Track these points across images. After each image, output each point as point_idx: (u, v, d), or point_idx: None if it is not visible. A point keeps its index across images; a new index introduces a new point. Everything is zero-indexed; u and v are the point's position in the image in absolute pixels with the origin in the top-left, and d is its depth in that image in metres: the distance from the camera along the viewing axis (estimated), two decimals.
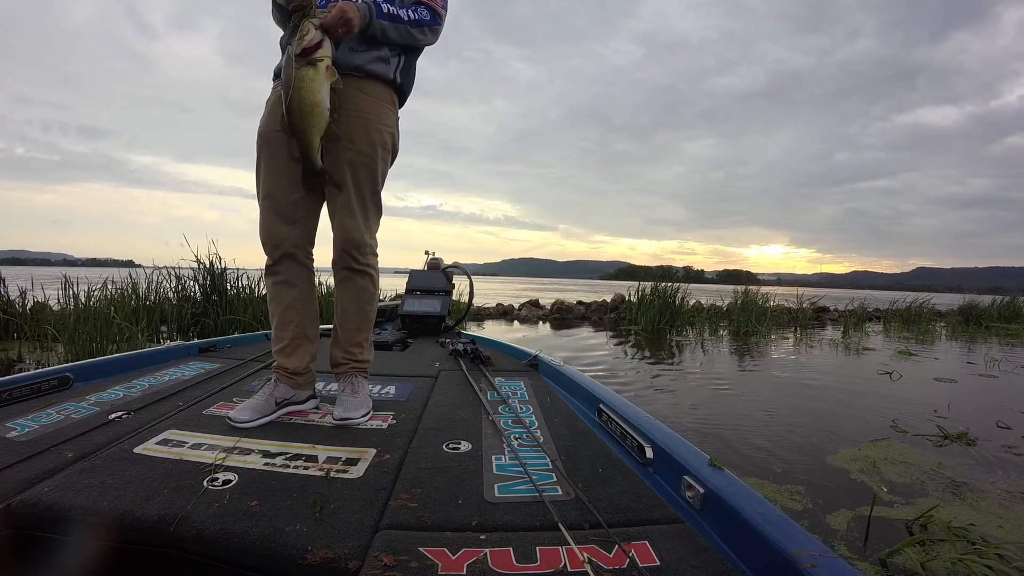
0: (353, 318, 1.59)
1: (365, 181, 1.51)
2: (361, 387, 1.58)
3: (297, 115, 1.27)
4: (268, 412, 1.47)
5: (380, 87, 1.52)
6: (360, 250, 1.54)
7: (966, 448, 2.40)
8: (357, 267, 1.55)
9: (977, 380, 4.31)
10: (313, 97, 1.27)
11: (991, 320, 10.17)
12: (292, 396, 1.54)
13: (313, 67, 1.26)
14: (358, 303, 1.58)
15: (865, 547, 1.48)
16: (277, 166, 1.48)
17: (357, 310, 1.59)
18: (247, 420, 1.40)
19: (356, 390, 1.56)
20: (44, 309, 4.60)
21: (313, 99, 1.27)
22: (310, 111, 1.27)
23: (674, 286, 8.10)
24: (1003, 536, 1.56)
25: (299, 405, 1.56)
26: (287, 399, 1.53)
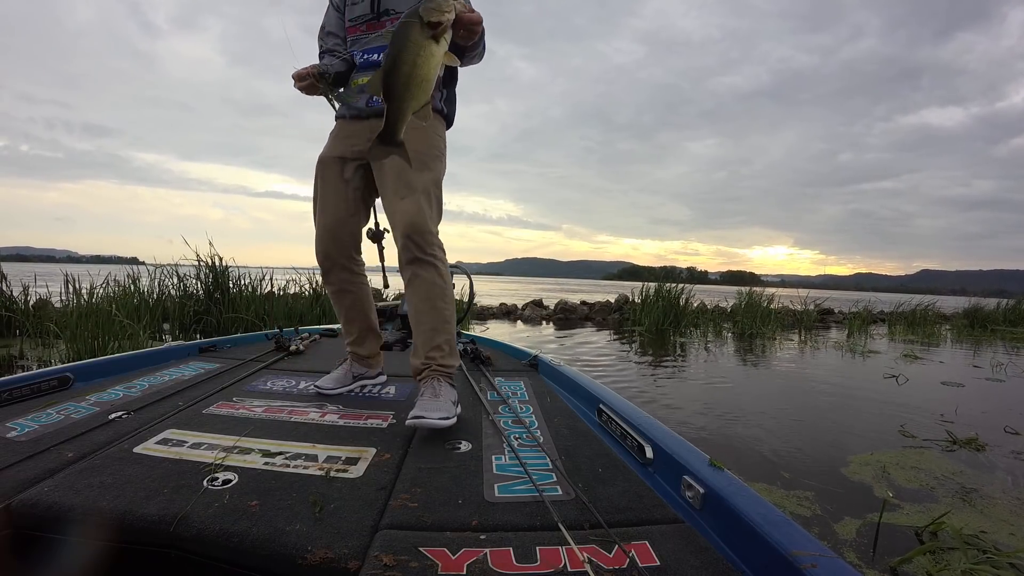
0: (427, 318, 1.50)
1: (428, 175, 1.53)
2: (444, 391, 1.45)
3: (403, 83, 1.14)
4: (347, 383, 1.79)
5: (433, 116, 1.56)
6: (424, 237, 1.47)
7: (975, 453, 2.38)
8: (424, 256, 1.47)
9: (984, 384, 4.28)
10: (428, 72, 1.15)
11: (996, 323, 10.10)
12: (365, 372, 1.84)
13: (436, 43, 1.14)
14: (429, 300, 1.49)
15: (874, 554, 1.47)
16: (335, 195, 1.63)
17: (429, 308, 1.49)
18: (331, 388, 1.74)
19: (437, 392, 1.43)
20: (46, 306, 4.62)
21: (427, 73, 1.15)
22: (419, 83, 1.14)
23: (678, 287, 8.09)
24: (1015, 544, 1.53)
25: (372, 380, 1.87)
26: (362, 374, 1.83)
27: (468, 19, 1.21)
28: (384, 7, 1.60)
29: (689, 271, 9.95)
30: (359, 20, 1.64)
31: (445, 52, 1.16)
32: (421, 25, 1.11)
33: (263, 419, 1.47)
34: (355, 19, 1.64)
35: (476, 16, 1.23)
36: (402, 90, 1.14)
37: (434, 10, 1.11)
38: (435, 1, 1.11)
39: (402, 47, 1.12)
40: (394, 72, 1.13)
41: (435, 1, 1.11)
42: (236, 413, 1.51)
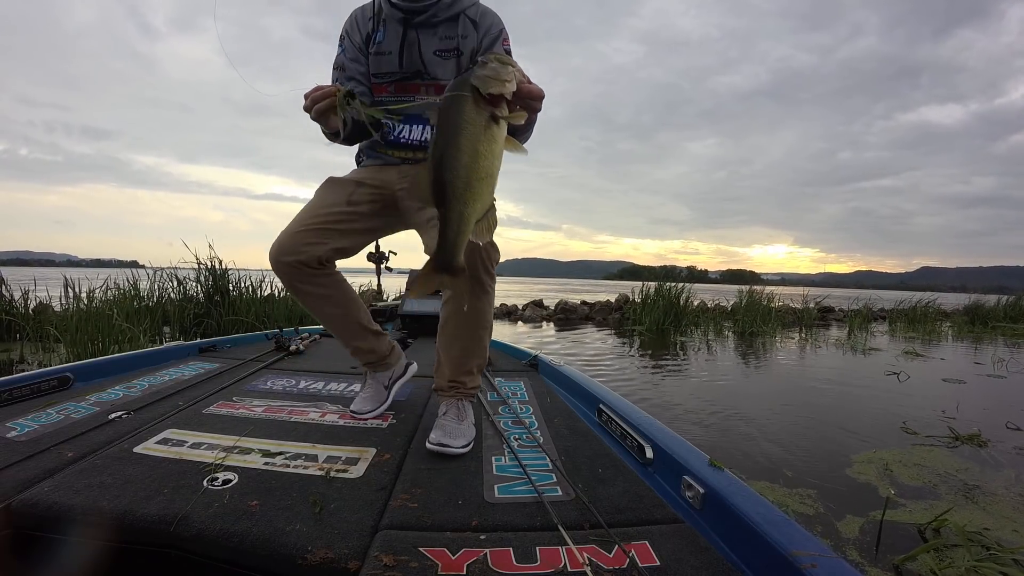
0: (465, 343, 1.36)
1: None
2: (467, 413, 1.38)
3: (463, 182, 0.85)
4: (384, 399, 1.57)
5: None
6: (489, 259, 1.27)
7: (977, 450, 2.37)
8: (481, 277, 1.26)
9: (985, 380, 4.27)
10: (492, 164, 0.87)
11: (997, 320, 10.09)
12: (392, 373, 1.62)
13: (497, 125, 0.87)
14: (470, 328, 1.33)
15: (877, 552, 1.47)
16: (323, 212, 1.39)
17: (470, 335, 1.35)
18: (371, 411, 1.52)
19: (462, 415, 1.36)
20: (46, 310, 4.62)
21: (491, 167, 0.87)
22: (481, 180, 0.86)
23: (678, 286, 8.08)
24: (1019, 541, 1.53)
25: (403, 376, 1.65)
26: (392, 379, 1.62)
27: (528, 91, 0.94)
28: (415, 67, 1.39)
29: (689, 270, 9.95)
30: (385, 78, 1.41)
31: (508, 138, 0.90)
32: (476, 100, 0.85)
33: (263, 419, 1.47)
34: (380, 75, 1.41)
35: (536, 88, 0.96)
36: (462, 192, 0.85)
37: (492, 79, 0.85)
38: (491, 66, 0.86)
39: (457, 131, 0.84)
40: (449, 167, 0.84)
41: (491, 66, 0.86)
42: (236, 413, 1.51)
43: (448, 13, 1.36)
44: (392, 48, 1.38)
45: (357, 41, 1.42)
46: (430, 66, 1.38)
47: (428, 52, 1.38)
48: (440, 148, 0.85)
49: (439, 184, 0.85)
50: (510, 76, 0.87)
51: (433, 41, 1.38)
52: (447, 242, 0.89)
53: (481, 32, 1.38)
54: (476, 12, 1.39)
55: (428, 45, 1.38)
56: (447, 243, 0.89)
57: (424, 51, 1.38)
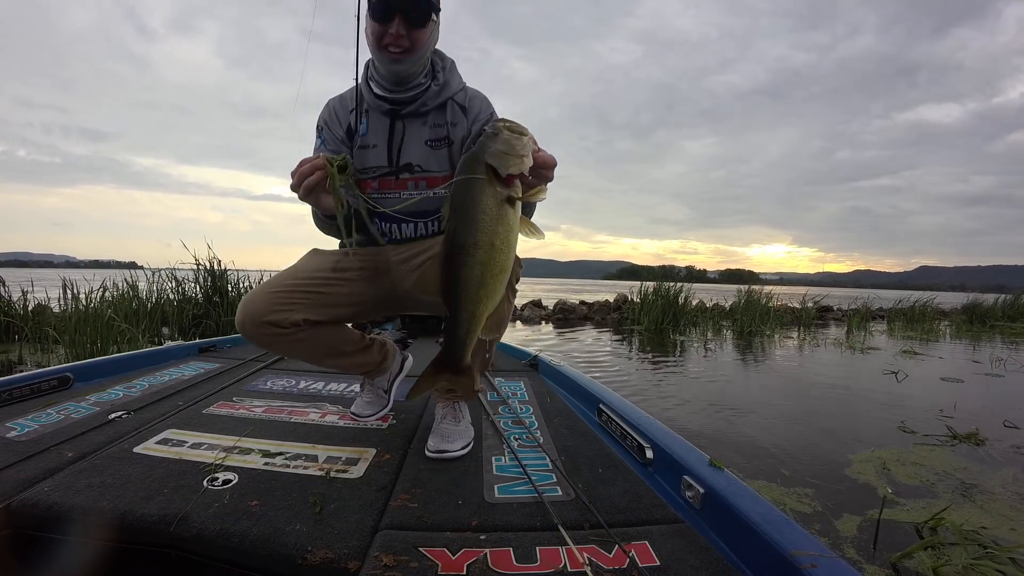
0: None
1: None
2: (464, 414, 1.37)
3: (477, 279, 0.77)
4: (385, 403, 1.56)
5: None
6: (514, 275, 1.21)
7: (975, 448, 2.38)
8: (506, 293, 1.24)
9: (983, 379, 4.28)
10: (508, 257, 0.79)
11: (995, 319, 10.10)
12: (389, 375, 1.58)
13: (513, 208, 0.79)
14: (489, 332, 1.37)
15: (875, 550, 1.47)
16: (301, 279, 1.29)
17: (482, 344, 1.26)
18: (371, 414, 1.52)
19: (459, 417, 1.35)
20: (45, 311, 4.62)
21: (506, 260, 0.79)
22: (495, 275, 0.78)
23: (677, 286, 8.09)
24: (1016, 539, 1.54)
25: (401, 373, 1.62)
26: (390, 382, 1.58)
27: (542, 160, 0.85)
28: (405, 160, 1.30)
29: (688, 270, 9.96)
30: (371, 173, 1.32)
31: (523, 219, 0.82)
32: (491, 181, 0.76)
33: (263, 419, 1.47)
34: (365, 170, 1.32)
35: (549, 156, 0.87)
36: (476, 290, 0.78)
37: (509, 156, 0.77)
38: (503, 138, 0.77)
39: (472, 222, 0.76)
40: (464, 264, 0.77)
41: (503, 138, 0.77)
42: (236, 413, 1.51)
43: (437, 101, 1.30)
44: (378, 141, 1.31)
45: (339, 133, 1.33)
46: (422, 159, 1.30)
47: (418, 144, 1.30)
48: (452, 241, 0.78)
49: (451, 283, 0.79)
50: (526, 149, 0.79)
51: (423, 131, 1.31)
52: (456, 342, 0.83)
53: (471, 118, 1.32)
54: (464, 97, 1.33)
55: (418, 136, 1.31)
56: (456, 343, 0.83)
57: (414, 143, 1.30)
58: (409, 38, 1.21)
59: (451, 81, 1.33)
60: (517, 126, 0.80)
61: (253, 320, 1.23)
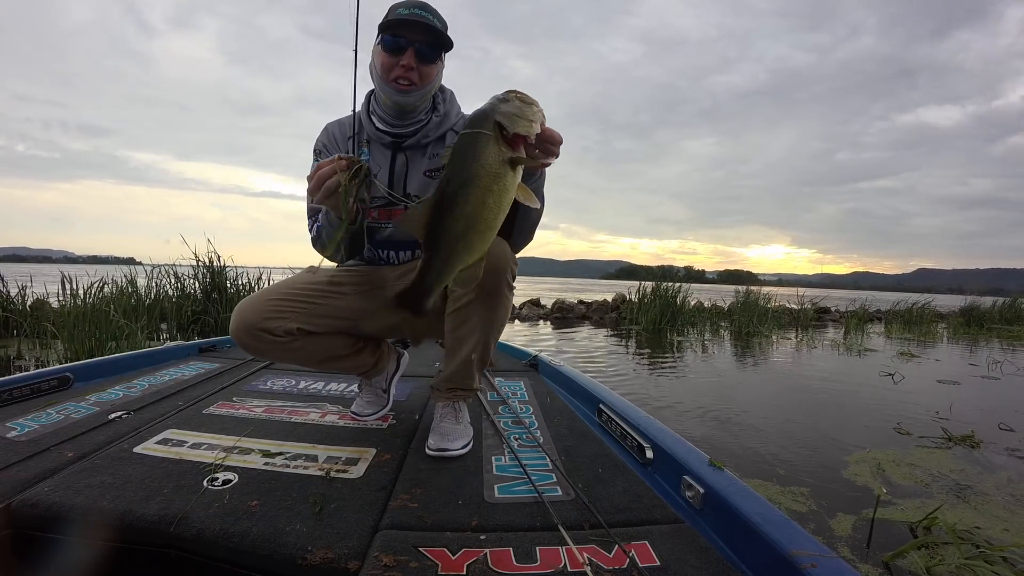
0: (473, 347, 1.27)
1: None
2: (463, 413, 1.36)
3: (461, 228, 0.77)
4: (384, 403, 1.56)
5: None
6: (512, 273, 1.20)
7: (970, 450, 2.39)
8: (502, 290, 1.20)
9: (979, 382, 4.29)
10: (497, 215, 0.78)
11: (993, 322, 10.14)
12: (386, 374, 1.58)
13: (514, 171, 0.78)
14: (486, 333, 1.25)
15: (868, 549, 1.48)
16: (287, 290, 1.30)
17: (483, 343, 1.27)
18: (372, 414, 1.52)
19: (459, 416, 1.34)
20: (44, 306, 4.61)
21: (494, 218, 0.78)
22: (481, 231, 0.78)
23: (675, 286, 8.10)
24: (1008, 539, 1.55)
25: (398, 372, 1.62)
26: (388, 381, 1.59)
27: (549, 134, 0.85)
28: (409, 191, 1.33)
29: (687, 270, 9.97)
30: (372, 203, 1.33)
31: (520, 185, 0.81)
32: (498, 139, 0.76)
33: (263, 419, 1.47)
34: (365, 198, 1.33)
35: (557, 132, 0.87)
36: (454, 242, 0.78)
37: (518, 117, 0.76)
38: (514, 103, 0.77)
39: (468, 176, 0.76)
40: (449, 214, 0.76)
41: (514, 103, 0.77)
42: (236, 413, 1.51)
43: (437, 132, 1.32)
44: (379, 173, 1.33)
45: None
46: (420, 190, 1.33)
47: (418, 174, 1.33)
48: (445, 189, 0.77)
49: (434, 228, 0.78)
50: (536, 116, 0.79)
51: (423, 162, 1.33)
52: (423, 284, 0.84)
53: None
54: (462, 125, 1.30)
55: (418, 167, 1.33)
56: (422, 285, 0.84)
57: (414, 174, 1.33)
58: (418, 72, 1.23)
59: (451, 111, 1.35)
60: (526, 96, 0.80)
61: (247, 327, 1.24)
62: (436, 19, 1.24)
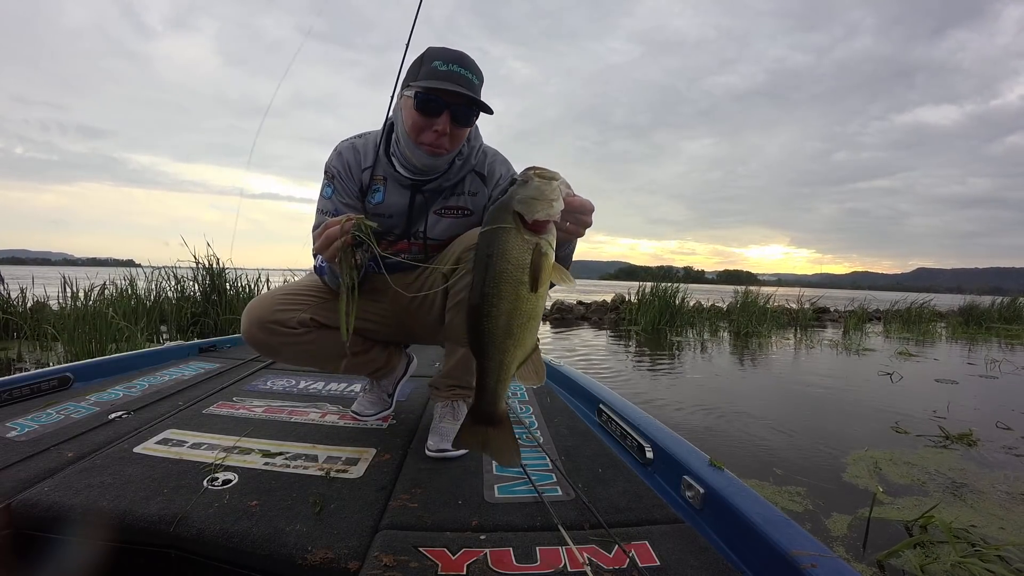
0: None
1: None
2: (462, 413, 1.34)
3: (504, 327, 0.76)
4: (387, 404, 1.55)
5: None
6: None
7: (967, 449, 2.39)
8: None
9: (977, 381, 4.30)
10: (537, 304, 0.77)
11: (991, 321, 10.15)
12: (392, 377, 1.57)
13: (543, 255, 0.76)
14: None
15: (864, 549, 1.48)
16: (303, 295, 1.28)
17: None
18: (373, 414, 1.51)
19: (458, 416, 1.33)
20: (44, 308, 4.61)
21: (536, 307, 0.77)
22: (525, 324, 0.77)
23: (674, 286, 8.11)
24: (1004, 538, 1.55)
25: (404, 376, 1.60)
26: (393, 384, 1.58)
27: (577, 204, 0.83)
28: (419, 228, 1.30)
29: (686, 270, 9.98)
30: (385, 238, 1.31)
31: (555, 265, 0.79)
32: (519, 228, 0.74)
33: (263, 419, 1.47)
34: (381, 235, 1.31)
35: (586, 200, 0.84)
36: (502, 340, 0.77)
37: (537, 201, 0.74)
38: (533, 185, 0.75)
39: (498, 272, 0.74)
40: (489, 315, 0.76)
41: (533, 185, 0.75)
42: (236, 413, 1.51)
43: (458, 176, 1.29)
44: (396, 212, 1.29)
45: (353, 189, 1.30)
46: (431, 228, 1.30)
47: (433, 214, 1.30)
48: (479, 292, 0.76)
49: (477, 333, 0.77)
50: (556, 194, 0.76)
51: (439, 202, 1.31)
52: (487, 392, 0.81)
53: (491, 184, 1.30)
54: (483, 165, 1.31)
55: (434, 207, 1.31)
56: (487, 393, 0.82)
57: (432, 215, 1.30)
58: (451, 136, 1.18)
59: (473, 148, 1.30)
60: (547, 172, 0.78)
61: (259, 321, 1.22)
62: (476, 76, 1.16)
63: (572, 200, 0.81)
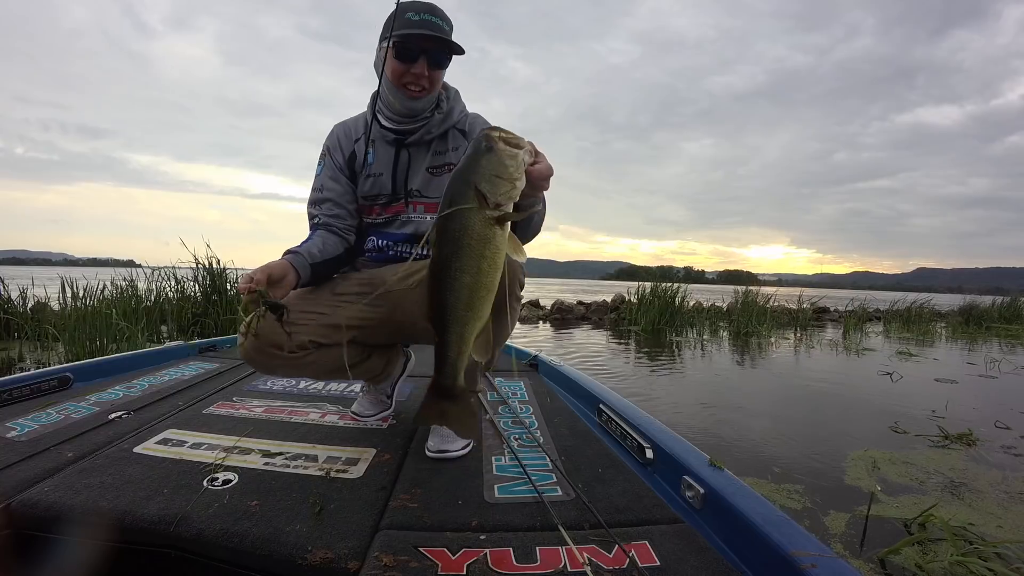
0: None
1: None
2: None
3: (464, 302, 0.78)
4: (387, 405, 1.57)
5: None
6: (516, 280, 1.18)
7: (966, 448, 2.39)
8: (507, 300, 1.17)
9: (977, 381, 4.30)
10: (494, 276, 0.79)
11: (991, 321, 10.14)
12: (391, 380, 1.59)
13: (501, 227, 0.78)
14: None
15: (862, 547, 1.48)
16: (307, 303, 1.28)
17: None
18: (373, 414, 1.53)
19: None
20: (44, 309, 4.61)
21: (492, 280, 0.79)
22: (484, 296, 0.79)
23: (674, 286, 8.11)
24: (1002, 535, 1.56)
25: (402, 376, 1.62)
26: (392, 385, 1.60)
27: (537, 174, 0.84)
28: (411, 186, 1.36)
29: (686, 270, 9.98)
30: (376, 200, 1.37)
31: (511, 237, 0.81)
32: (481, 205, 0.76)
33: (263, 419, 1.47)
34: (370, 197, 1.38)
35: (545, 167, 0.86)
36: (463, 313, 0.79)
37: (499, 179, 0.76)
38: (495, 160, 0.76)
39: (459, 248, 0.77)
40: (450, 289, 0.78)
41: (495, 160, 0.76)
42: (236, 413, 1.51)
43: (440, 129, 1.35)
44: (384, 170, 1.35)
45: (339, 160, 1.38)
46: (422, 185, 1.36)
47: (421, 170, 1.36)
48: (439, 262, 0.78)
49: (439, 307, 0.80)
50: (519, 172, 0.78)
51: (426, 159, 1.36)
52: (447, 365, 0.83)
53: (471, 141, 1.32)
54: (465, 122, 1.38)
55: (420, 163, 1.36)
56: (447, 366, 0.83)
57: (417, 170, 1.36)
58: (429, 78, 1.27)
59: (454, 109, 1.37)
60: (512, 138, 0.79)
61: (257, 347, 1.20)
62: (445, 23, 1.26)
63: (532, 171, 0.83)
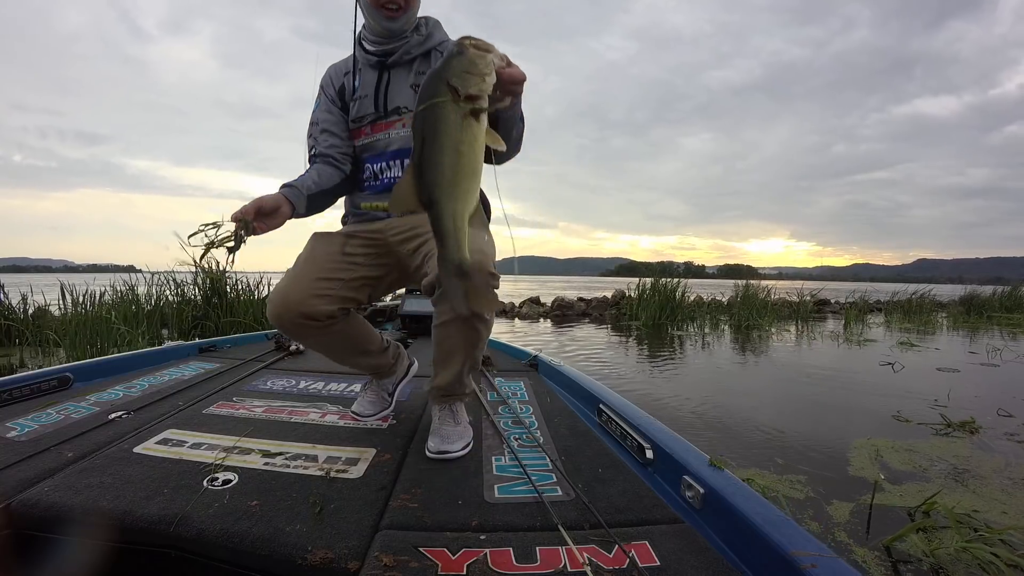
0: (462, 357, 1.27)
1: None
2: (461, 414, 1.36)
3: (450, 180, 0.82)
4: (387, 405, 1.58)
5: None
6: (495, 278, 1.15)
7: (968, 436, 2.40)
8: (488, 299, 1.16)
9: (979, 369, 4.30)
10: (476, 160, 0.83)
11: (993, 310, 10.13)
12: (396, 378, 1.62)
13: (477, 120, 0.82)
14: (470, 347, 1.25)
15: (867, 535, 1.49)
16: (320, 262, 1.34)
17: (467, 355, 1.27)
18: (373, 414, 1.53)
19: (457, 419, 1.33)
20: (45, 315, 4.62)
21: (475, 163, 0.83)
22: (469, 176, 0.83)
23: (674, 281, 8.10)
24: (1007, 522, 1.56)
25: (406, 378, 1.66)
26: (394, 384, 1.62)
27: (508, 76, 0.88)
28: (393, 104, 1.40)
29: (686, 266, 9.97)
30: (363, 121, 1.42)
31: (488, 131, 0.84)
32: (455, 99, 0.80)
33: (263, 419, 1.47)
34: (359, 119, 1.42)
35: (517, 71, 0.90)
36: (450, 188, 0.82)
37: (472, 76, 0.80)
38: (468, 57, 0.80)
39: (436, 132, 0.81)
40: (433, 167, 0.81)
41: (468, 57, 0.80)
42: (236, 413, 1.51)
43: (420, 50, 1.40)
44: (368, 91, 1.41)
45: (331, 94, 1.46)
46: (407, 101, 1.39)
47: (404, 88, 1.40)
48: (420, 150, 0.82)
49: (425, 186, 0.82)
50: (489, 68, 0.82)
51: (408, 77, 1.40)
52: (447, 237, 0.85)
53: None
54: (445, 47, 1.40)
55: (403, 82, 1.40)
56: (448, 238, 0.85)
57: (400, 88, 1.40)
58: None
59: (435, 33, 1.43)
60: (482, 43, 0.83)
61: (289, 312, 1.28)
62: None
63: (503, 72, 0.86)
